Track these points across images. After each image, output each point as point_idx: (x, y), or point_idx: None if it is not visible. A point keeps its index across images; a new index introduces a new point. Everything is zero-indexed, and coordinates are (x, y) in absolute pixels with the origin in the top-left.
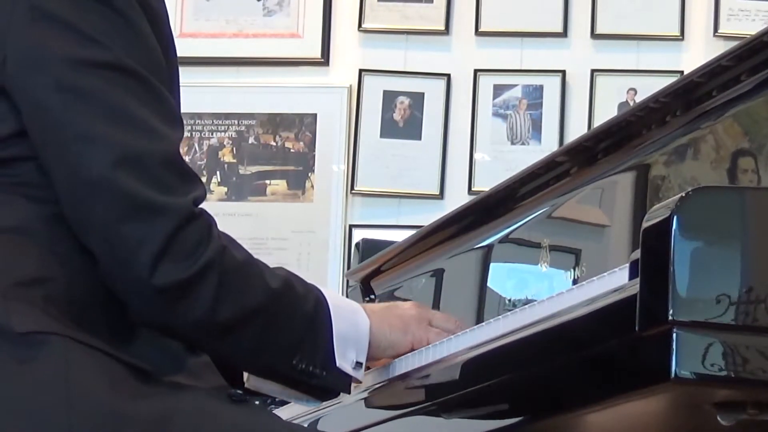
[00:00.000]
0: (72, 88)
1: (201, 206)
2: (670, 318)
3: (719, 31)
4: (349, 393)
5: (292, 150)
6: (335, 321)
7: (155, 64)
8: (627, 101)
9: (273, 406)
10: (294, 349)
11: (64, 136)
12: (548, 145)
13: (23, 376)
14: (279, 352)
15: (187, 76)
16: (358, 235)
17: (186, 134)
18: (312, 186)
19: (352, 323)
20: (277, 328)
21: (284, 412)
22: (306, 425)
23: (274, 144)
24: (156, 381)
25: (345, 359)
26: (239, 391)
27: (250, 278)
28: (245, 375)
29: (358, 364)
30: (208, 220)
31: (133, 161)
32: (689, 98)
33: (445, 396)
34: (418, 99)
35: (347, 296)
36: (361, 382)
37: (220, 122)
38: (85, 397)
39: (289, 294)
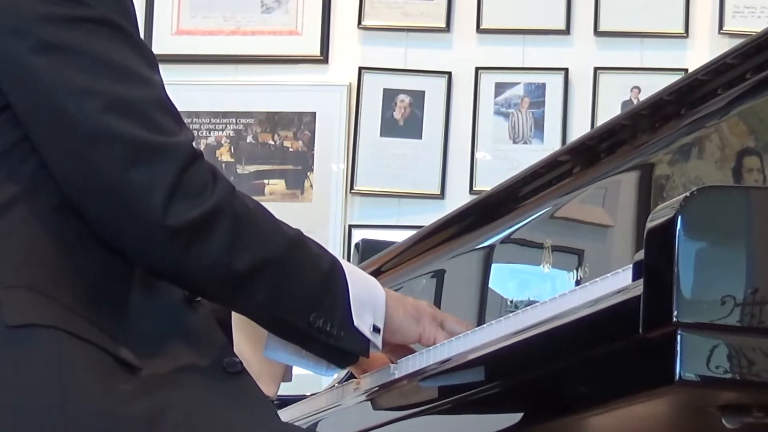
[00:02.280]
0: (56, 46)
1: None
2: (675, 319)
3: (724, 28)
4: (368, 357)
5: (290, 149)
6: (352, 283)
7: (134, 21)
8: (631, 99)
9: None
10: (311, 305)
11: (57, 94)
12: (551, 144)
13: (16, 371)
14: (296, 307)
15: (184, 73)
16: (358, 236)
17: None
18: (311, 186)
19: (369, 289)
20: (295, 280)
21: (284, 415)
22: (304, 428)
23: (273, 143)
24: (152, 370)
25: (363, 321)
26: (236, 359)
27: (265, 224)
28: (264, 341)
29: (376, 330)
30: (210, 163)
31: (132, 109)
32: (694, 96)
33: (445, 398)
34: (418, 97)
35: None
36: (379, 348)
37: (218, 121)
38: (79, 392)
39: (304, 248)
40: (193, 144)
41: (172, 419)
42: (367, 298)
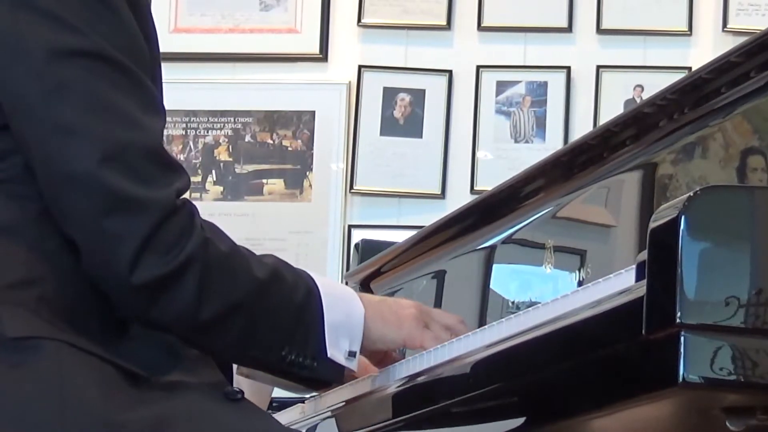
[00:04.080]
0: (52, 78)
1: (185, 197)
2: (678, 321)
3: (728, 26)
4: (342, 383)
5: (289, 148)
6: (327, 310)
7: (137, 53)
8: (633, 98)
9: (270, 410)
10: (283, 341)
11: (44, 127)
12: (552, 143)
13: (17, 383)
14: (267, 345)
15: (182, 72)
16: (358, 236)
17: (181, 132)
18: (310, 185)
19: (345, 312)
20: (265, 321)
21: (283, 417)
22: (303, 431)
23: (271, 142)
24: (151, 384)
25: (337, 349)
26: (236, 389)
27: (234, 270)
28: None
29: (352, 354)
30: (191, 211)
31: (117, 156)
32: (697, 95)
33: (446, 401)
34: (419, 96)
35: None
36: (354, 371)
37: (216, 120)
38: (80, 405)
39: (277, 284)
40: (178, 194)
41: (175, 428)
42: (343, 322)
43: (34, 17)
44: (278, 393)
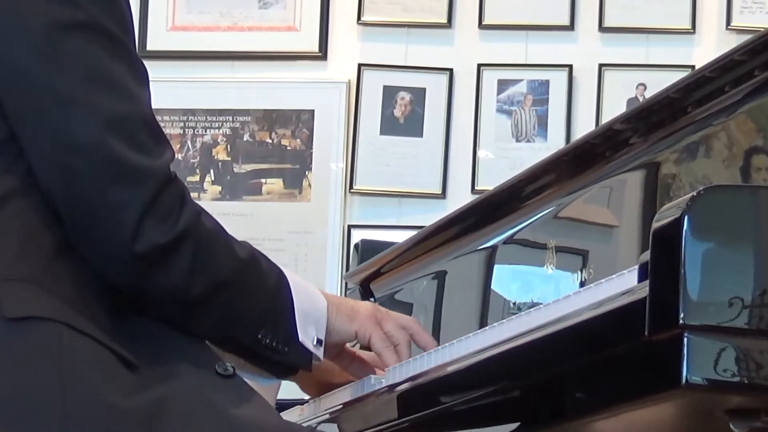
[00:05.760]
0: (51, 50)
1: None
2: (681, 322)
3: (732, 24)
4: (310, 370)
5: (288, 147)
6: (296, 297)
7: (126, 25)
8: (636, 97)
9: None
10: (259, 323)
11: (46, 99)
12: (554, 143)
13: (15, 363)
14: (245, 325)
15: (179, 71)
16: (357, 236)
17: (179, 131)
18: (309, 185)
19: (311, 301)
20: (245, 301)
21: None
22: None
23: (270, 141)
24: (146, 370)
25: (306, 335)
26: (227, 365)
27: (221, 247)
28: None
29: (319, 341)
30: (182, 184)
31: (119, 125)
32: (701, 94)
33: (447, 402)
34: (419, 95)
35: None
36: (321, 360)
37: (214, 119)
38: (79, 385)
39: (255, 267)
40: (170, 165)
41: (172, 411)
42: (310, 311)
43: None
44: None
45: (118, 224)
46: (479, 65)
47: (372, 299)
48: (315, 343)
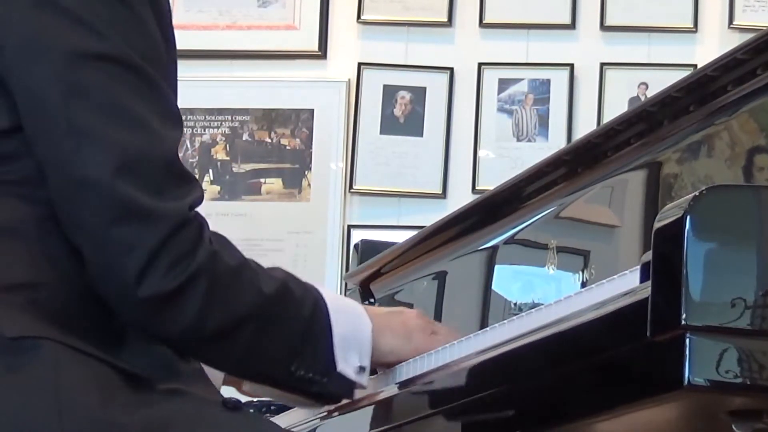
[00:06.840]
0: (71, 80)
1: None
2: (683, 322)
3: (734, 23)
4: (353, 398)
5: (288, 147)
6: (335, 324)
7: (156, 56)
8: (638, 96)
9: (269, 414)
10: (292, 356)
11: (60, 130)
12: (555, 142)
13: (12, 384)
14: (275, 359)
15: (178, 69)
16: (357, 236)
17: None
18: (309, 185)
19: (353, 326)
20: (272, 335)
21: (282, 420)
22: None
23: (270, 141)
24: (149, 388)
25: (347, 363)
26: (234, 398)
27: (241, 284)
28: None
29: (361, 369)
30: (200, 224)
31: (133, 166)
32: (703, 93)
33: (447, 404)
34: (419, 94)
35: None
36: (365, 387)
37: (213, 118)
38: (76, 405)
39: (285, 298)
40: (190, 207)
41: (176, 427)
42: (353, 335)
43: (55, 17)
44: None
45: (123, 266)
46: (480, 64)
47: (372, 300)
48: (357, 371)
